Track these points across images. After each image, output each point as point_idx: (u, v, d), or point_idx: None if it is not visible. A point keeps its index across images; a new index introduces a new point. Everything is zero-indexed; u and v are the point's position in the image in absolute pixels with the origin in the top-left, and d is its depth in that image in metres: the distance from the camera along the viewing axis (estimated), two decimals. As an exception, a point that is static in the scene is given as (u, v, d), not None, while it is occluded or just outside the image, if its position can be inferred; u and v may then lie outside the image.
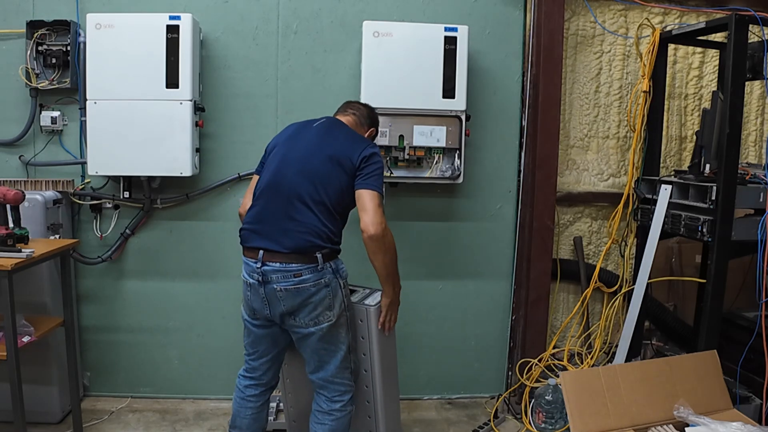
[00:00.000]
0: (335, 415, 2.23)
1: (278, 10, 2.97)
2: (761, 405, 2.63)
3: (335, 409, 2.23)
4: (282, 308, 2.12)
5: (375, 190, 2.19)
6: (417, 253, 3.16)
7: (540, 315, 3.12)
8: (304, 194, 2.14)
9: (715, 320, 2.64)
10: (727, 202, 2.54)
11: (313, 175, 2.16)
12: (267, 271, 2.10)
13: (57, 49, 2.80)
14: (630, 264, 3.18)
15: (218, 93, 2.97)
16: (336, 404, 2.23)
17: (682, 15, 3.25)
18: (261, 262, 2.11)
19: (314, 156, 2.20)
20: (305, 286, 2.10)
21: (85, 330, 3.07)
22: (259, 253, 2.12)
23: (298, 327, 2.15)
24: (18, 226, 2.34)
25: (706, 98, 3.34)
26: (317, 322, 2.14)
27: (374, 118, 2.49)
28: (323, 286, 2.12)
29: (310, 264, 2.10)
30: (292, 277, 2.09)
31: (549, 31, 2.99)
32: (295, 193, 2.15)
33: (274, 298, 2.12)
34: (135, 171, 2.80)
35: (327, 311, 2.14)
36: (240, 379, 2.34)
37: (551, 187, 3.08)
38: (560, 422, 2.75)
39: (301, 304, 2.11)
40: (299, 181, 2.16)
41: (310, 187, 2.15)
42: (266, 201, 2.19)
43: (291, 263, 2.09)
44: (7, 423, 2.46)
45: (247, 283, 2.18)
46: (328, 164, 2.17)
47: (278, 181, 2.19)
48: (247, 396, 2.31)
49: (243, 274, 2.19)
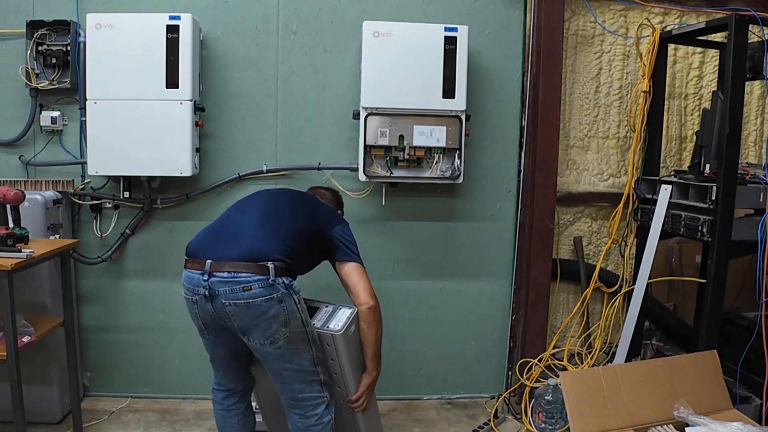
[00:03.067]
0: (313, 430, 2.11)
1: (278, 10, 2.98)
2: (761, 405, 2.63)
3: (311, 424, 2.10)
4: (234, 324, 1.98)
5: (361, 263, 2.21)
6: (417, 253, 3.16)
7: (540, 315, 3.12)
8: (262, 217, 2.11)
9: (715, 320, 2.64)
10: (727, 202, 2.54)
11: (279, 209, 2.17)
12: (214, 282, 1.95)
13: (57, 49, 2.80)
14: (630, 264, 3.18)
15: (218, 93, 2.97)
16: (311, 419, 2.10)
17: (682, 15, 3.25)
18: (208, 273, 1.95)
19: (276, 200, 2.23)
20: (255, 302, 1.94)
21: (85, 330, 3.07)
22: (205, 263, 1.97)
23: (255, 346, 2.01)
24: (18, 226, 2.34)
25: (706, 98, 3.34)
26: (273, 341, 1.99)
27: (340, 202, 2.58)
28: (276, 301, 1.96)
29: (260, 275, 1.94)
30: (241, 291, 1.93)
31: (549, 31, 2.99)
32: (249, 218, 2.12)
33: (224, 314, 1.97)
34: (135, 171, 2.80)
35: (283, 328, 1.99)
36: (215, 394, 2.26)
37: (551, 187, 3.08)
38: (560, 422, 2.75)
39: (253, 321, 1.96)
40: (257, 209, 2.15)
41: (271, 210, 2.15)
42: (218, 223, 2.16)
43: (240, 273, 1.93)
44: (7, 423, 2.46)
45: (190, 300, 2.03)
46: (292, 207, 2.18)
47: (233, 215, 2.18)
48: (228, 407, 2.24)
49: (184, 290, 2.05)
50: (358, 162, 2.86)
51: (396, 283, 3.16)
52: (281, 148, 3.03)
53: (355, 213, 3.09)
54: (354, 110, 2.89)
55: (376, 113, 2.81)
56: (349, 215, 3.08)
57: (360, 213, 3.09)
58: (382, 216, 3.11)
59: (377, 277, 3.10)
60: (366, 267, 3.06)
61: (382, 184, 3.01)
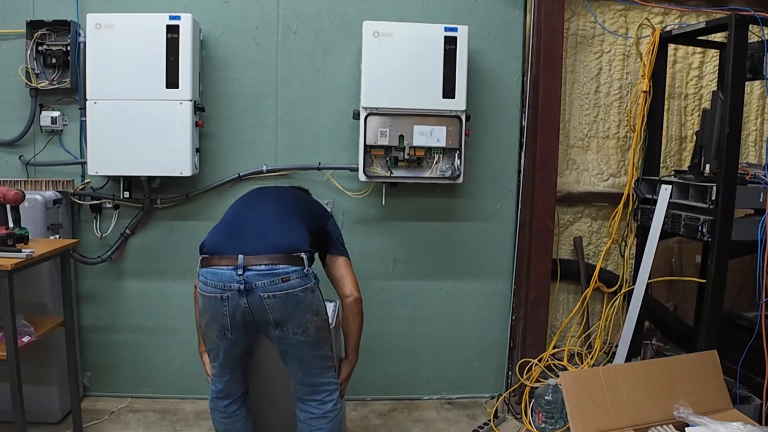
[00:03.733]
0: (330, 416, 2.16)
1: (278, 10, 2.97)
2: (761, 405, 2.63)
3: (329, 410, 2.16)
4: (270, 317, 1.99)
5: (348, 256, 2.31)
6: (417, 253, 3.16)
7: (540, 315, 3.12)
8: (279, 211, 2.17)
9: (715, 320, 2.64)
10: (727, 202, 2.54)
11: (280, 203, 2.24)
12: (250, 276, 1.94)
13: (57, 49, 2.80)
14: (630, 264, 3.18)
15: (218, 93, 2.97)
16: (328, 404, 2.16)
17: (682, 15, 3.25)
18: (242, 267, 1.94)
19: (277, 195, 2.31)
20: (293, 292, 1.97)
21: (85, 330, 3.07)
22: (238, 258, 1.95)
23: (285, 336, 2.04)
24: (18, 226, 2.34)
25: (706, 98, 3.34)
26: (305, 329, 2.04)
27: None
28: (309, 290, 2.02)
29: (296, 266, 1.99)
30: (280, 282, 1.96)
31: (549, 31, 2.99)
32: (268, 212, 2.16)
33: (259, 308, 1.97)
34: (135, 171, 2.80)
35: (315, 317, 2.05)
36: (217, 403, 2.21)
37: (551, 187, 3.08)
38: (560, 422, 2.75)
39: (291, 312, 1.99)
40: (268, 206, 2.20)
41: (282, 207, 2.21)
42: (235, 221, 2.16)
43: (278, 265, 1.96)
44: (7, 423, 2.46)
45: (219, 298, 1.98)
46: (294, 203, 2.27)
47: (245, 213, 2.20)
48: (232, 413, 2.21)
49: (210, 289, 1.99)
50: (358, 162, 2.86)
51: (396, 283, 3.16)
52: (281, 148, 3.03)
53: (355, 213, 3.09)
54: (354, 110, 2.89)
55: (376, 113, 2.81)
56: (349, 215, 3.09)
57: (360, 213, 3.09)
58: (382, 216, 3.11)
59: (377, 277, 3.12)
60: (366, 267, 3.10)
61: (382, 184, 3.01)
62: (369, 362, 3.14)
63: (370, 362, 3.15)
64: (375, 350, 3.15)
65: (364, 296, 2.96)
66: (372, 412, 3.11)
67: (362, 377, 3.12)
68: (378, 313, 3.12)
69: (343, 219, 3.08)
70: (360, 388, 3.15)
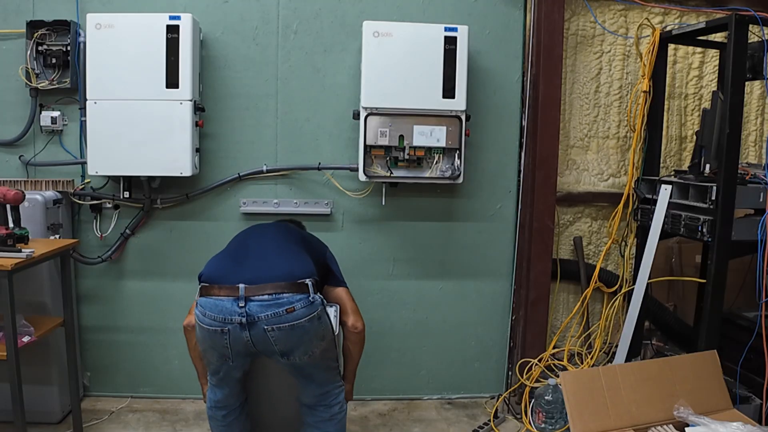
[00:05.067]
0: (337, 417, 2.20)
1: (278, 10, 2.97)
2: (761, 405, 2.63)
3: (336, 412, 2.20)
4: (275, 348, 1.95)
5: (347, 287, 2.33)
6: (417, 253, 3.16)
7: (540, 315, 3.12)
8: (280, 241, 2.16)
9: (715, 320, 2.64)
10: (727, 202, 2.54)
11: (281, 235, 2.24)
12: (253, 308, 1.86)
13: (57, 49, 2.80)
14: (630, 264, 3.18)
15: (218, 93, 2.97)
16: (335, 407, 2.20)
17: (682, 15, 3.25)
18: (244, 299, 1.86)
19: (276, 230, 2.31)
20: (299, 323, 1.91)
21: (85, 330, 3.07)
22: (239, 288, 1.87)
23: (291, 362, 2.03)
24: (18, 226, 2.34)
25: (706, 98, 3.34)
26: (311, 354, 2.03)
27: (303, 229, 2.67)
28: (315, 318, 1.98)
29: (301, 294, 1.92)
30: (284, 313, 1.88)
31: (549, 31, 2.99)
32: (269, 242, 2.15)
33: (262, 341, 1.91)
34: (135, 171, 2.79)
35: (321, 341, 2.03)
36: (215, 412, 2.19)
37: (551, 187, 3.08)
38: (560, 422, 2.75)
39: (296, 342, 1.95)
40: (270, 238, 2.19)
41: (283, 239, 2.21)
42: (236, 250, 2.12)
43: (282, 294, 1.88)
44: (7, 423, 2.46)
45: (219, 331, 1.90)
46: (295, 236, 2.27)
47: (246, 243, 2.17)
48: (230, 423, 2.21)
49: (209, 321, 1.92)
50: (358, 162, 2.86)
51: (396, 283, 3.16)
52: (281, 148, 3.03)
53: (355, 213, 3.09)
54: (354, 110, 2.88)
55: (376, 113, 2.81)
56: (349, 215, 3.09)
57: (360, 213, 3.09)
58: (382, 216, 3.11)
59: (377, 277, 3.12)
60: (366, 267, 3.10)
61: (382, 184, 3.01)
62: (369, 362, 3.14)
63: (370, 362, 3.15)
64: (375, 350, 3.15)
65: (364, 296, 2.97)
66: (372, 412, 3.11)
67: (362, 377, 3.11)
68: (378, 313, 3.12)
69: (343, 219, 3.09)
70: (360, 388, 3.13)
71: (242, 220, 3.01)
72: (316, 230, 2.85)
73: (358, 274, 3.00)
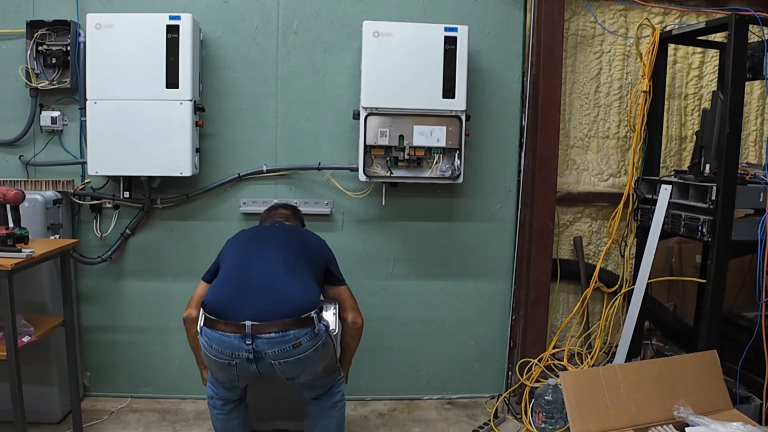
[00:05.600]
0: (338, 405, 2.32)
1: (278, 10, 2.97)
2: (761, 405, 2.63)
3: (337, 400, 2.31)
4: (281, 376, 2.07)
5: (347, 284, 2.38)
6: (417, 253, 3.16)
7: (540, 315, 3.12)
8: (285, 262, 2.15)
9: (715, 320, 2.64)
10: (727, 202, 2.54)
11: (284, 247, 2.23)
12: (260, 345, 1.92)
13: (57, 49, 2.80)
14: (630, 264, 3.18)
15: (218, 93, 2.97)
16: (337, 395, 2.32)
17: (682, 15, 3.25)
18: (251, 336, 1.91)
19: (279, 237, 2.31)
20: (305, 355, 1.98)
21: (85, 330, 3.07)
22: (245, 326, 1.91)
23: (297, 383, 2.17)
24: (18, 226, 2.34)
25: (706, 98, 3.34)
26: (314, 374, 2.15)
27: (301, 218, 2.69)
28: (321, 346, 2.06)
29: (306, 328, 1.97)
30: (291, 349, 1.94)
31: (549, 31, 2.99)
32: (274, 264, 2.13)
33: (269, 371, 2.01)
34: (135, 171, 2.79)
35: (323, 361, 2.14)
36: (215, 401, 2.27)
37: (551, 187, 3.08)
38: (560, 422, 2.75)
39: (302, 370, 2.06)
40: (274, 256, 2.18)
41: (287, 253, 2.20)
42: (240, 274, 2.12)
43: (288, 331, 1.93)
44: (7, 423, 2.46)
45: (226, 364, 1.97)
46: (296, 245, 2.27)
47: (249, 262, 2.16)
48: (230, 411, 2.28)
49: (216, 353, 1.98)
50: (358, 162, 2.86)
51: (396, 283, 3.16)
52: (281, 148, 3.03)
53: (355, 213, 3.09)
54: (354, 110, 2.88)
55: (376, 113, 2.81)
56: (349, 215, 3.09)
57: (360, 213, 3.09)
58: (382, 216, 3.11)
59: (377, 277, 3.12)
60: (366, 267, 3.10)
61: (382, 184, 3.01)
62: (369, 362, 3.15)
63: (370, 362, 3.16)
64: (375, 350, 3.15)
65: (364, 296, 2.97)
66: (372, 412, 3.11)
67: (362, 377, 3.13)
68: (378, 313, 3.12)
69: (343, 219, 3.09)
70: (360, 388, 3.15)
71: (242, 220, 3.01)
72: (316, 230, 2.84)
73: (358, 274, 3.00)
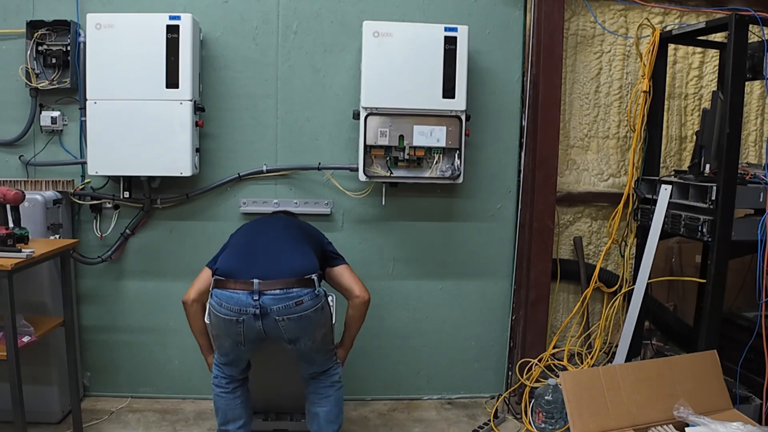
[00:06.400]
0: (336, 386, 2.40)
1: (278, 10, 2.97)
2: (761, 405, 2.63)
3: (335, 380, 2.40)
4: (284, 336, 2.15)
5: (347, 263, 2.48)
6: (417, 253, 3.16)
7: (540, 315, 3.12)
8: (287, 238, 2.31)
9: (715, 320, 2.64)
10: (727, 202, 2.54)
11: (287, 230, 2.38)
12: (266, 301, 2.08)
13: (57, 49, 2.80)
14: (630, 264, 3.18)
15: (218, 93, 2.97)
16: (335, 376, 2.40)
17: (682, 15, 3.25)
18: (258, 293, 2.08)
19: (282, 224, 2.46)
20: (306, 314, 2.13)
21: (85, 330, 3.07)
22: (253, 283, 2.09)
23: (296, 348, 2.24)
24: (18, 226, 2.34)
25: (706, 98, 3.34)
26: (314, 340, 2.25)
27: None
28: (320, 309, 2.18)
29: (308, 288, 2.13)
30: (294, 306, 2.09)
31: (549, 31, 2.99)
32: (277, 239, 2.29)
33: (273, 329, 2.13)
34: (135, 171, 2.80)
35: (322, 328, 2.26)
36: (219, 380, 2.37)
37: (551, 187, 3.08)
38: (560, 422, 2.75)
39: (303, 330, 2.16)
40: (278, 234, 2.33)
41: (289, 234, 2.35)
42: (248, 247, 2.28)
43: (291, 288, 2.10)
44: (7, 423, 2.46)
45: (234, 320, 2.11)
46: (297, 230, 2.41)
47: (255, 239, 2.32)
48: (233, 390, 2.38)
49: (225, 311, 2.12)
50: (358, 162, 2.86)
51: (396, 283, 3.16)
52: (281, 148, 3.03)
53: (355, 213, 3.09)
54: (354, 110, 2.89)
55: (376, 113, 2.81)
56: (349, 215, 3.10)
57: (360, 213, 3.09)
58: (382, 216, 3.11)
59: (377, 277, 3.12)
60: (366, 267, 3.10)
61: (382, 184, 3.01)
62: (369, 362, 3.15)
63: (370, 362, 3.16)
64: (375, 350, 3.15)
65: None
66: (372, 412, 3.11)
67: (362, 377, 3.13)
68: (378, 313, 3.12)
69: (343, 219, 3.09)
70: (360, 388, 3.15)
71: (242, 220, 3.01)
72: (316, 230, 2.86)
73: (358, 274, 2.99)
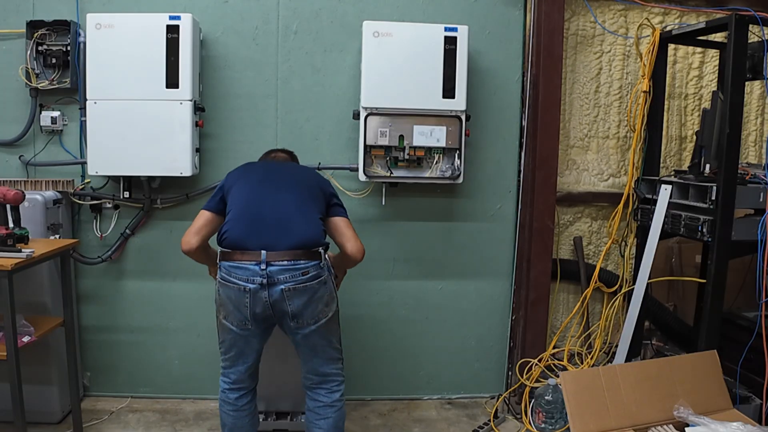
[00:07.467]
0: (337, 405, 2.30)
1: (278, 10, 2.97)
2: (761, 405, 2.63)
3: (336, 399, 2.30)
4: (288, 309, 2.13)
5: (348, 217, 2.40)
6: (417, 253, 3.16)
7: (540, 315, 3.12)
8: (295, 201, 2.23)
9: (715, 320, 2.64)
10: (727, 202, 2.54)
11: (293, 187, 2.28)
12: (273, 271, 2.09)
13: (57, 49, 2.80)
14: (630, 264, 3.18)
15: (218, 93, 2.97)
16: (336, 394, 2.30)
17: (682, 15, 3.25)
18: (265, 263, 2.09)
19: (288, 177, 2.34)
20: (311, 284, 2.13)
21: (85, 330, 3.07)
22: (261, 254, 2.10)
23: (299, 327, 2.17)
24: (18, 226, 2.34)
25: (706, 98, 3.34)
26: (317, 320, 2.18)
27: (297, 161, 2.69)
28: (323, 283, 2.18)
29: (314, 260, 2.14)
30: (300, 275, 2.11)
31: (549, 31, 2.99)
32: (284, 202, 2.22)
33: (279, 300, 2.12)
34: (135, 171, 2.80)
35: (325, 307, 2.20)
36: (228, 394, 2.29)
37: (551, 187, 3.08)
38: (560, 422, 2.75)
39: (306, 303, 2.14)
40: (285, 196, 2.24)
41: (296, 193, 2.26)
42: (254, 213, 2.20)
43: (299, 260, 2.11)
44: (7, 423, 2.46)
45: (242, 290, 2.12)
46: (304, 184, 2.32)
47: (261, 202, 2.23)
48: (242, 407, 2.30)
49: (233, 281, 2.13)
50: (358, 162, 2.87)
51: (396, 283, 3.16)
52: (281, 148, 3.03)
53: (355, 213, 3.08)
54: (354, 110, 2.89)
55: (376, 113, 2.81)
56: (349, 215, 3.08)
57: (360, 213, 3.09)
58: (382, 216, 3.11)
59: (377, 277, 3.13)
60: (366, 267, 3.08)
61: (382, 184, 3.01)
62: (369, 362, 3.15)
63: (370, 362, 3.16)
64: (375, 350, 3.15)
65: (364, 296, 2.97)
66: (372, 412, 3.11)
67: (362, 377, 3.13)
68: (378, 313, 3.12)
69: (343, 219, 3.09)
70: (360, 388, 3.15)
71: (242, 220, 3.01)
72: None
73: (358, 274, 2.99)
